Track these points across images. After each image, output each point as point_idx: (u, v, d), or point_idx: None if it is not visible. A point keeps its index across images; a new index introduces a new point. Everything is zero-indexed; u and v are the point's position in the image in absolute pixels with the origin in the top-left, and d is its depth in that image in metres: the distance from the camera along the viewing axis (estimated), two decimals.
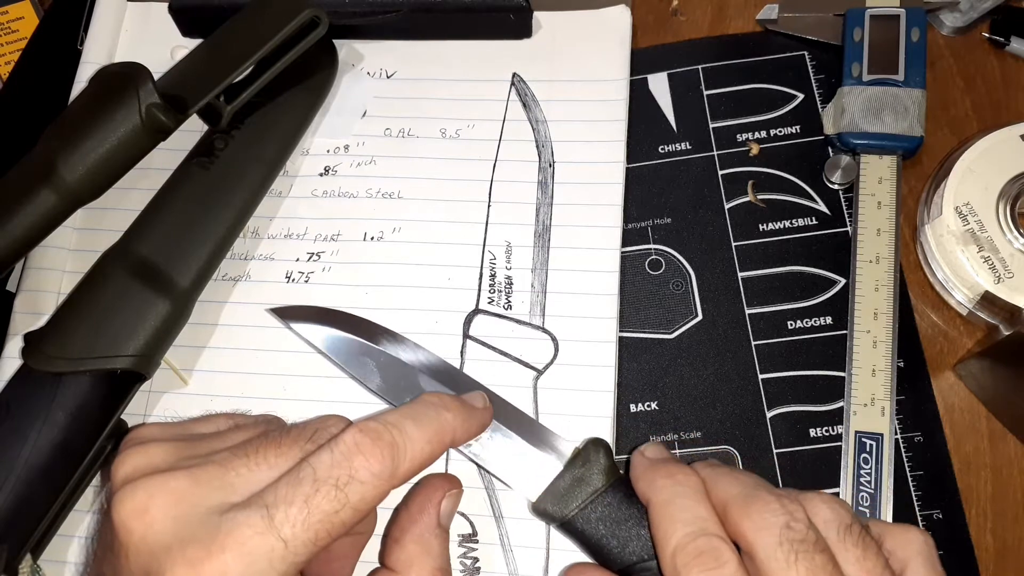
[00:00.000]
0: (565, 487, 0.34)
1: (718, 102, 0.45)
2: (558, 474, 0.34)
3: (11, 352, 0.41)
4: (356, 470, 0.28)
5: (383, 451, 0.28)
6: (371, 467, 0.28)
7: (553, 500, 0.34)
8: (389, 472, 0.28)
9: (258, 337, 0.41)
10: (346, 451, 0.28)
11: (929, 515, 0.37)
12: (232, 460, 0.29)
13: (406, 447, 0.29)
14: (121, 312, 0.37)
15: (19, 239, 0.37)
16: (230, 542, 0.26)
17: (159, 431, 0.32)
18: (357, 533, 0.34)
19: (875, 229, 0.40)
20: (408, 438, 0.29)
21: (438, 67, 0.45)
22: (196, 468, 0.28)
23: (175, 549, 0.26)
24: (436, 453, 0.30)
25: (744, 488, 0.30)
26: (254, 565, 0.26)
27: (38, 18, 0.49)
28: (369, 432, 0.28)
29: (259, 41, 0.39)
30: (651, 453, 0.34)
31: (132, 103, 0.37)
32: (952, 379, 0.40)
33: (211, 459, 0.29)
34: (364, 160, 0.44)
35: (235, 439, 0.31)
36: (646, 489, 0.32)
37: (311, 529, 0.27)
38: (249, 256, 0.42)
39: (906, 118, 0.41)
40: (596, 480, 0.34)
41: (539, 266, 0.41)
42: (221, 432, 0.32)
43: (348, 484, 0.27)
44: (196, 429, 0.33)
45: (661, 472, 0.32)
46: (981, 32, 0.45)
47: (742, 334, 0.41)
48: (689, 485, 0.31)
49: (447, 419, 0.31)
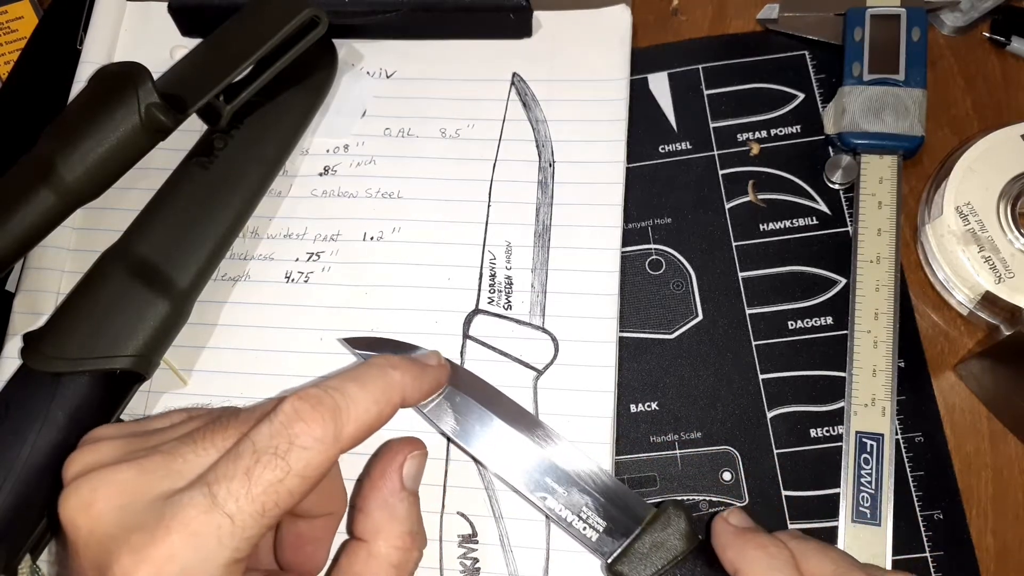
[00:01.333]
0: (644, 550, 0.34)
1: (718, 102, 0.45)
2: (635, 535, 0.34)
3: (10, 352, 0.41)
4: (296, 436, 0.27)
5: (323, 415, 0.27)
6: (312, 432, 0.27)
7: (630, 563, 0.33)
8: (332, 435, 0.27)
9: (258, 337, 0.41)
10: (285, 420, 0.27)
11: (930, 515, 0.37)
12: (179, 447, 0.28)
13: (349, 409, 0.28)
14: (120, 312, 0.37)
15: (18, 239, 0.37)
16: (175, 524, 0.26)
17: (113, 430, 0.31)
18: (326, 514, 0.34)
19: (876, 229, 0.40)
20: (351, 400, 0.28)
21: (438, 67, 0.45)
22: (142, 459, 0.28)
23: (120, 538, 0.26)
24: (384, 413, 0.29)
25: (837, 567, 0.31)
26: (202, 545, 0.26)
27: (37, 18, 0.49)
28: (308, 398, 0.28)
29: (259, 41, 0.39)
30: (736, 520, 0.34)
31: (131, 103, 0.37)
32: (953, 379, 0.40)
33: (158, 449, 0.28)
34: (364, 160, 0.44)
35: (185, 429, 0.30)
36: (736, 559, 0.32)
37: (256, 501, 0.26)
38: (249, 256, 0.42)
39: (907, 118, 0.41)
40: (676, 545, 0.33)
41: (539, 266, 0.41)
42: (175, 425, 0.31)
43: (289, 451, 0.27)
44: (151, 425, 0.32)
45: (752, 543, 0.32)
46: (982, 32, 0.45)
47: (742, 334, 0.41)
48: (782, 559, 0.31)
49: (394, 377, 0.30)
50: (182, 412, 0.33)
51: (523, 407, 0.37)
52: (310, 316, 0.41)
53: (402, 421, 0.39)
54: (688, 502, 0.38)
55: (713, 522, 0.34)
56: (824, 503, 0.38)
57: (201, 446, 0.28)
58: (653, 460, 0.39)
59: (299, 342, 0.41)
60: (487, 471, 0.38)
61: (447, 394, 0.36)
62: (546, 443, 0.36)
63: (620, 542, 0.34)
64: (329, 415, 0.28)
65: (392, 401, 0.30)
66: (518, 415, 0.36)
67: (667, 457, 0.39)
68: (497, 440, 0.36)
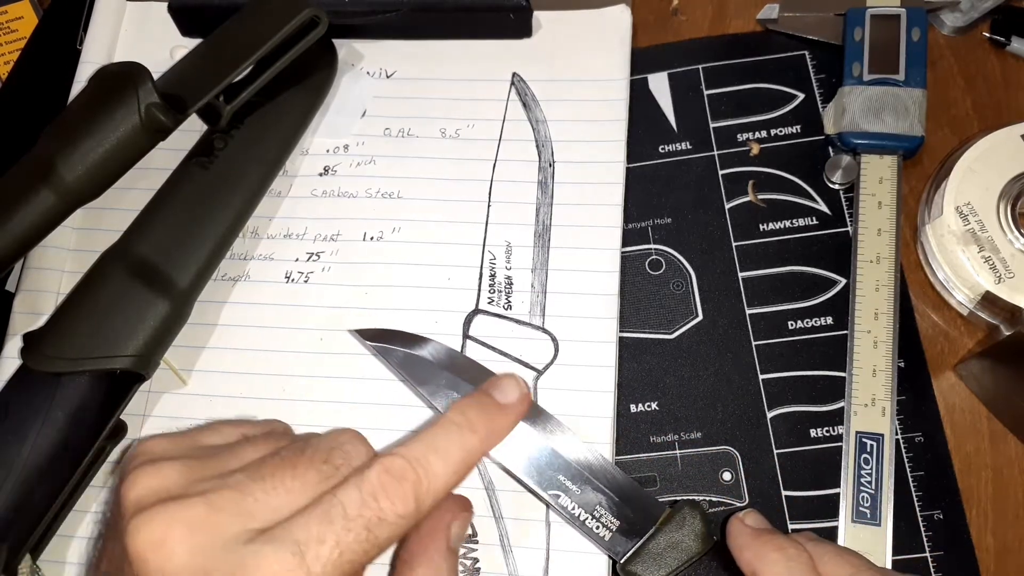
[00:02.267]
0: (658, 550, 0.33)
1: (718, 102, 0.45)
2: (649, 535, 0.34)
3: (10, 352, 0.41)
4: (384, 512, 0.28)
5: (407, 492, 0.28)
6: (396, 509, 0.28)
7: (644, 563, 0.33)
8: (414, 511, 0.28)
9: (258, 337, 0.41)
10: (372, 491, 0.28)
11: (930, 515, 0.37)
12: (248, 484, 0.28)
13: (430, 485, 0.29)
14: (120, 312, 0.37)
15: (18, 239, 0.37)
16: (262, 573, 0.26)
17: (168, 445, 0.31)
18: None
19: (876, 229, 0.40)
20: (433, 475, 0.29)
21: (438, 67, 0.45)
22: (211, 493, 0.28)
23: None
24: (461, 480, 0.30)
25: (855, 570, 0.31)
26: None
27: (37, 18, 0.49)
28: (394, 473, 0.28)
29: (259, 41, 0.39)
30: (752, 521, 0.34)
31: (131, 103, 0.37)
32: (953, 379, 0.40)
33: (226, 483, 0.28)
34: (364, 160, 0.44)
35: (247, 455, 0.30)
36: (754, 560, 0.32)
37: (340, 568, 0.27)
38: (248, 256, 0.42)
39: (907, 118, 0.41)
40: (692, 545, 0.33)
41: (539, 266, 0.41)
42: (231, 445, 0.31)
43: (378, 525, 0.27)
44: (204, 440, 0.32)
45: (770, 545, 0.32)
46: (982, 32, 0.45)
47: (742, 334, 0.41)
48: (802, 561, 0.32)
49: (472, 445, 0.30)
50: (232, 427, 0.33)
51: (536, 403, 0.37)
52: (310, 316, 0.41)
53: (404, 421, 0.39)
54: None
55: (728, 523, 0.34)
56: (824, 503, 0.38)
57: (271, 484, 0.28)
58: (653, 460, 0.39)
59: (299, 342, 0.41)
60: (487, 471, 0.38)
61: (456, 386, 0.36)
62: (559, 440, 0.35)
63: (633, 542, 0.34)
64: (412, 494, 0.28)
65: (469, 466, 0.30)
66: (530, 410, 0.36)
67: (667, 457, 0.39)
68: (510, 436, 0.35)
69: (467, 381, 0.36)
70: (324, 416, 0.39)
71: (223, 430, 0.33)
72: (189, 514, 0.27)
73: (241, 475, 0.29)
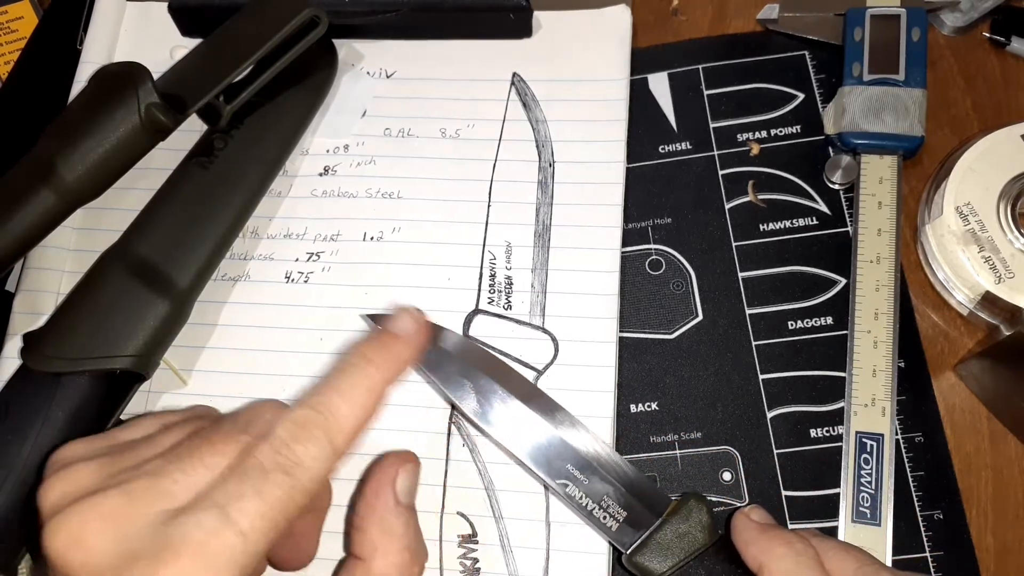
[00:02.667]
0: (665, 542, 0.33)
1: (718, 102, 0.45)
2: (656, 526, 0.34)
3: (10, 352, 0.41)
4: (298, 456, 0.27)
5: (319, 435, 0.28)
6: (310, 452, 0.28)
7: (650, 554, 0.33)
8: (329, 451, 0.28)
9: (258, 337, 0.41)
10: (283, 441, 0.28)
11: (930, 515, 0.37)
12: (165, 467, 0.27)
13: (339, 424, 0.29)
14: (120, 312, 0.37)
15: (18, 239, 0.37)
16: (184, 547, 0.25)
17: (83, 448, 0.30)
18: (314, 510, 0.34)
19: (876, 229, 0.40)
20: (340, 414, 0.29)
21: (438, 67, 0.45)
22: (128, 483, 0.27)
23: (121, 569, 0.25)
24: (371, 412, 0.30)
25: (860, 565, 0.32)
26: (213, 565, 0.25)
27: (37, 18, 0.49)
28: (301, 421, 0.28)
29: (259, 41, 0.39)
30: (758, 516, 0.34)
31: (131, 103, 0.37)
32: (953, 379, 0.40)
33: (143, 470, 0.28)
34: (364, 160, 0.44)
35: (165, 443, 0.30)
36: (760, 555, 0.32)
37: (267, 517, 0.26)
38: (248, 256, 0.42)
39: (907, 118, 0.41)
40: (698, 537, 0.33)
41: (539, 266, 0.41)
42: (150, 436, 0.31)
43: (294, 468, 0.27)
44: (123, 437, 0.31)
45: (778, 540, 0.32)
46: (982, 32, 0.45)
47: (742, 334, 0.41)
48: (808, 556, 0.32)
49: (373, 378, 0.30)
50: (151, 419, 0.32)
51: (543, 391, 0.37)
52: (310, 316, 0.41)
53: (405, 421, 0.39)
54: None
55: (733, 518, 0.34)
56: (824, 503, 0.38)
57: (188, 463, 0.28)
58: (653, 460, 0.39)
59: (299, 342, 0.41)
60: (487, 472, 0.38)
61: (468, 374, 0.36)
62: (568, 430, 0.35)
63: (640, 533, 0.34)
64: (322, 433, 0.28)
65: (376, 398, 0.30)
66: (538, 399, 0.36)
67: (667, 457, 0.39)
68: (519, 424, 0.35)
69: (480, 370, 0.36)
70: None
71: (143, 423, 0.32)
72: (104, 506, 0.26)
73: (159, 460, 0.28)
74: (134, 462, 0.28)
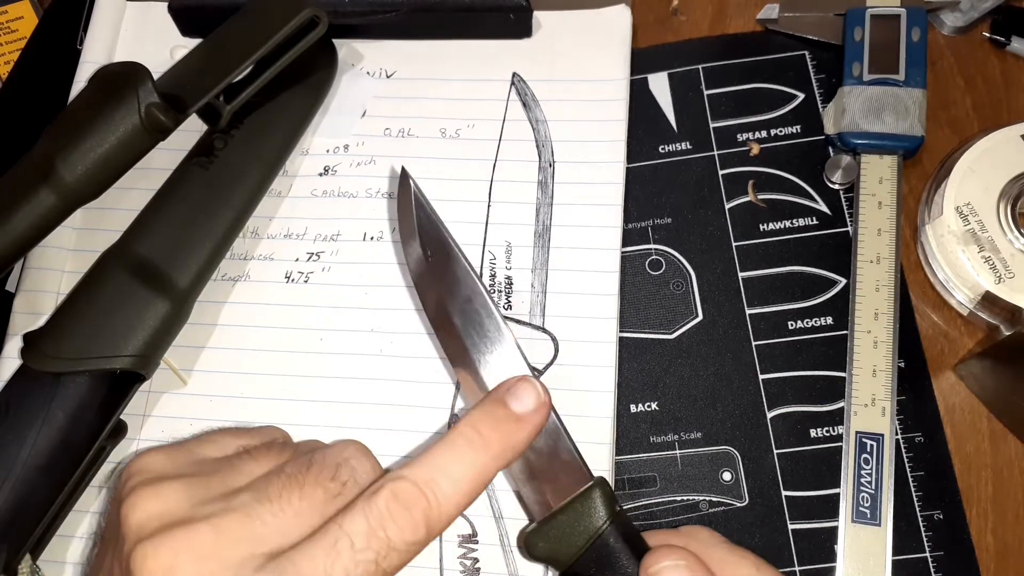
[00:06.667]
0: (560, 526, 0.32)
1: (718, 102, 0.45)
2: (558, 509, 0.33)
3: (10, 352, 0.41)
4: (393, 541, 0.27)
5: (417, 519, 0.27)
6: (406, 537, 0.27)
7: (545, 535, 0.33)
8: (424, 538, 0.27)
9: (258, 337, 0.41)
10: (381, 520, 0.27)
11: (930, 515, 0.37)
12: (254, 507, 0.27)
13: (441, 510, 0.28)
14: (120, 312, 0.37)
15: (19, 239, 0.37)
16: None
17: (165, 461, 0.30)
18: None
19: (876, 229, 0.40)
20: (443, 497, 0.28)
21: (438, 67, 0.45)
22: (217, 517, 0.27)
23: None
24: (473, 500, 0.29)
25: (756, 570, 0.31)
26: None
27: (37, 18, 0.49)
28: (403, 499, 0.27)
29: (258, 41, 0.39)
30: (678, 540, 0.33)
31: (131, 103, 0.37)
32: (953, 379, 0.40)
33: (231, 505, 0.27)
34: (364, 160, 0.44)
35: (250, 471, 0.29)
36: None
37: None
38: (249, 256, 0.42)
39: (907, 118, 0.41)
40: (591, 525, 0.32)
41: (539, 266, 0.41)
42: (230, 459, 0.31)
43: (386, 555, 0.27)
44: (202, 453, 0.31)
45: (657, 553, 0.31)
46: (982, 32, 0.45)
47: (742, 334, 0.41)
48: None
49: (485, 464, 0.29)
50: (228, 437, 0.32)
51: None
52: (310, 316, 0.41)
53: (405, 421, 0.39)
54: (688, 502, 0.38)
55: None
56: (824, 503, 0.38)
57: (278, 506, 0.27)
58: (653, 460, 0.39)
59: (299, 342, 0.41)
60: None
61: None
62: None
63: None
64: (422, 520, 0.27)
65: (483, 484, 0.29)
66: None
67: (667, 457, 0.39)
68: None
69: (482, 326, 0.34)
70: (325, 416, 0.39)
71: (221, 441, 0.32)
72: (195, 541, 0.26)
73: (247, 496, 0.28)
74: (220, 491, 0.28)
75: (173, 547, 0.26)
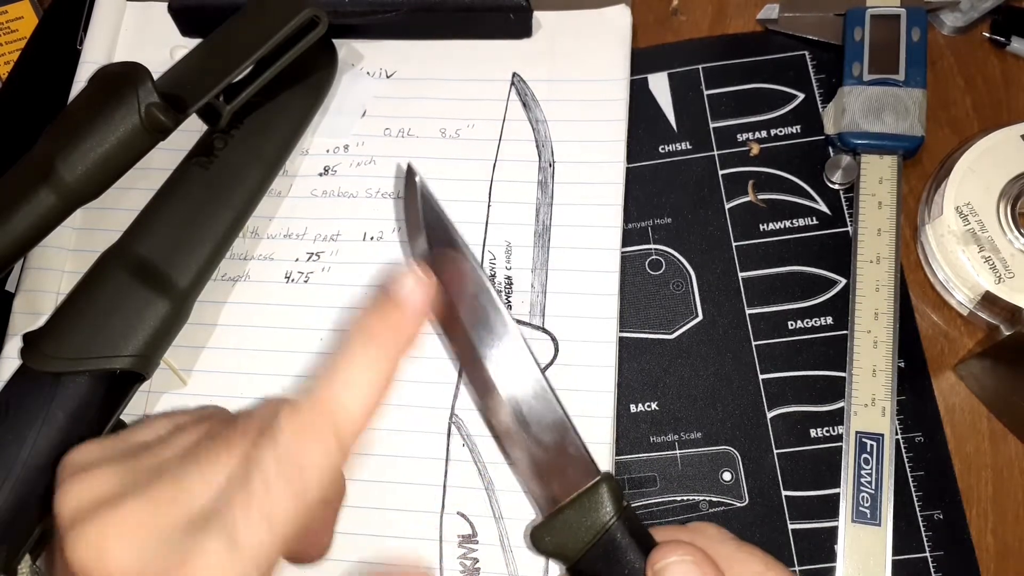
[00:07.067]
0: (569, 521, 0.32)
1: (718, 102, 0.45)
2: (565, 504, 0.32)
3: (10, 352, 0.41)
4: (303, 458, 0.26)
5: (323, 431, 0.27)
6: (316, 451, 0.26)
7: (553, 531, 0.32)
8: (335, 449, 0.27)
9: (258, 337, 0.41)
10: (288, 444, 0.26)
11: (930, 515, 0.37)
12: (184, 471, 0.27)
13: (348, 421, 0.27)
14: (120, 312, 0.37)
15: (19, 239, 0.37)
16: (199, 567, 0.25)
17: (98, 450, 0.29)
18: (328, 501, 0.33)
19: (876, 229, 0.40)
20: (347, 409, 0.27)
21: (438, 67, 0.45)
22: (147, 487, 0.26)
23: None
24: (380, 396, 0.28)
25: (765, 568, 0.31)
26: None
27: (37, 18, 0.49)
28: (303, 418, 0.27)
29: (258, 41, 0.39)
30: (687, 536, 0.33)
31: (131, 103, 0.37)
32: (953, 379, 0.40)
33: (159, 475, 0.27)
34: (364, 160, 0.44)
35: (180, 443, 0.29)
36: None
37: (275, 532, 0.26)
38: (248, 256, 0.42)
39: (907, 118, 0.41)
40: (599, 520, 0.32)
41: (539, 266, 0.41)
42: (163, 437, 0.30)
43: (300, 475, 0.26)
44: (136, 438, 0.30)
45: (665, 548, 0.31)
46: (982, 32, 0.45)
47: (742, 334, 0.41)
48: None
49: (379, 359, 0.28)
50: (162, 420, 0.32)
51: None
52: (310, 316, 0.41)
53: (406, 421, 0.39)
54: (688, 502, 0.38)
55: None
56: (824, 503, 0.38)
57: (208, 469, 0.27)
58: (653, 460, 0.39)
59: (299, 342, 0.41)
60: (487, 471, 0.38)
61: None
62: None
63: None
64: (328, 431, 0.27)
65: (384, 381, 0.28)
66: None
67: (667, 457, 0.39)
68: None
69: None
70: None
71: (155, 424, 0.32)
72: (126, 514, 0.26)
73: (175, 463, 0.27)
74: (151, 464, 0.28)
75: (100, 528, 0.26)
